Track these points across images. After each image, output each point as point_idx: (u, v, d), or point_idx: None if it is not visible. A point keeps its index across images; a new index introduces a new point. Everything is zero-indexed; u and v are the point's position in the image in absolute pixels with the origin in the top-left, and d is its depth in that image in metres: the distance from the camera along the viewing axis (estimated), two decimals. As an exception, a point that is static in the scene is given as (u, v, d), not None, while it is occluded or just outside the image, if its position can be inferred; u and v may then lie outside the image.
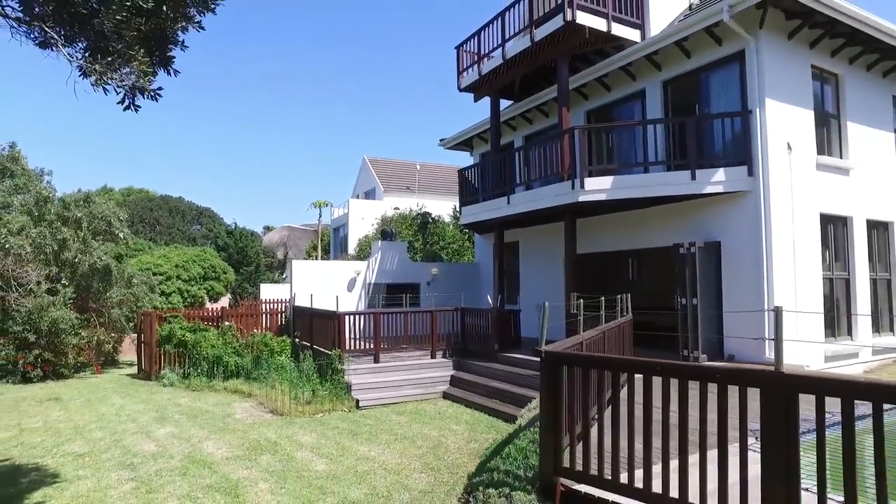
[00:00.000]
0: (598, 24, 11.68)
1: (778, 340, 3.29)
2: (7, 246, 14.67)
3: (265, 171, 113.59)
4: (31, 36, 4.77)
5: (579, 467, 4.19)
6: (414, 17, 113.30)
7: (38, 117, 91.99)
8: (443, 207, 28.68)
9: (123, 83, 4.03)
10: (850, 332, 11.43)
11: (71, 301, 16.19)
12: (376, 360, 12.50)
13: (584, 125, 13.00)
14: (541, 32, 12.09)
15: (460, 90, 14.99)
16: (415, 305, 16.89)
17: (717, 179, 10.33)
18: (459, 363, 12.87)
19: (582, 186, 10.91)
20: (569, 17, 11.27)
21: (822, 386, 2.99)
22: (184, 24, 4.23)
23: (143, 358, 16.23)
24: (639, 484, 3.77)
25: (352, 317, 13.05)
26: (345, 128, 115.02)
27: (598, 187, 10.96)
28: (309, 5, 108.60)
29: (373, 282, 18.02)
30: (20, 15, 4.31)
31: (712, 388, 3.52)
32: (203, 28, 4.32)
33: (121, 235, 18.48)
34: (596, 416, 4.54)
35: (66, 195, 18.49)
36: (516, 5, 12.99)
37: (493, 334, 12.64)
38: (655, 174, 11.16)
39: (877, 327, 11.92)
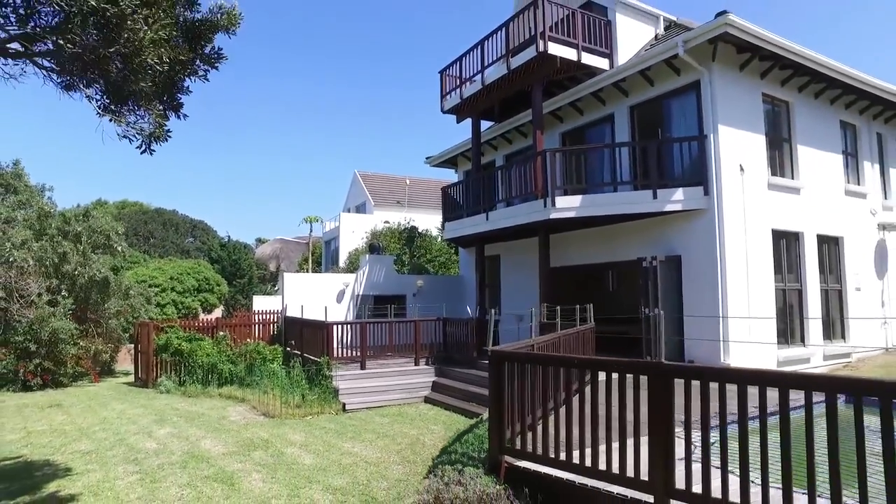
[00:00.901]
0: (569, 53, 12.65)
1: (661, 338, 4.13)
2: (10, 259, 15.37)
3: (258, 185, 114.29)
4: (58, 81, 5.62)
5: (520, 447, 5.01)
6: (405, 34, 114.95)
7: (36, 131, 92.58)
8: (431, 221, 29.54)
9: (142, 131, 4.83)
10: (802, 339, 12.31)
11: (70, 312, 16.88)
12: (363, 367, 13.27)
13: (556, 148, 13.90)
14: (516, 61, 13.05)
15: (443, 112, 15.92)
16: (401, 316, 17.67)
17: (677, 198, 11.24)
18: (441, 370, 13.66)
19: (553, 205, 11.81)
20: (541, 48, 12.23)
21: (686, 371, 3.85)
22: (191, 77, 5.06)
23: (140, 366, 16.91)
24: (563, 457, 4.59)
25: (340, 326, 13.85)
26: (338, 142, 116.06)
27: (568, 205, 11.85)
28: (303, 27, 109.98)
29: (361, 293, 18.82)
30: (52, 66, 5.12)
31: (643, 382, 4.32)
32: (208, 79, 5.16)
33: (119, 249, 19.21)
34: (552, 408, 5.34)
35: (67, 210, 19.23)
36: (495, 35, 13.94)
37: (472, 342, 13.45)
38: (620, 193, 12.08)
39: (828, 334, 12.82)
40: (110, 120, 5.39)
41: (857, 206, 13.85)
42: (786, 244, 12.25)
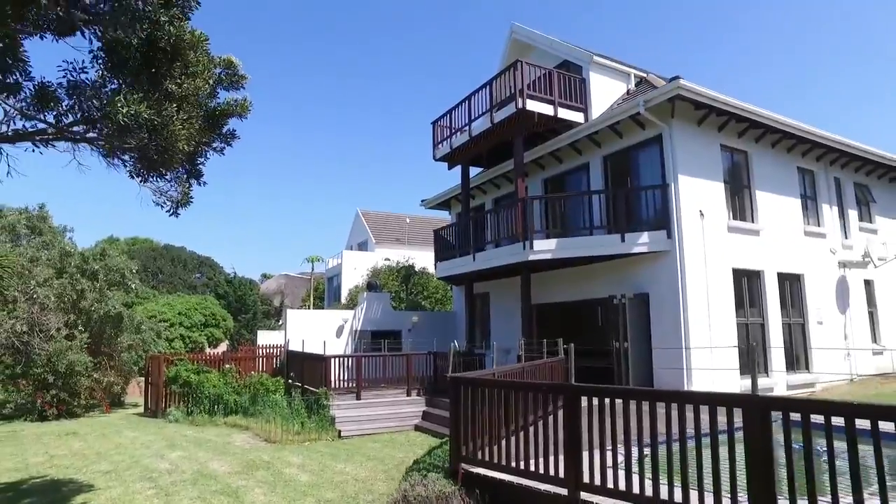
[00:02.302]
0: (546, 109, 14.00)
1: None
2: (34, 296, 16.57)
3: (264, 222, 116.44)
4: (101, 154, 6.87)
5: (473, 456, 6.03)
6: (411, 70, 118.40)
7: (56, 174, 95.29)
8: (430, 258, 30.69)
9: (171, 198, 6.04)
10: (766, 370, 13.26)
11: (86, 345, 17.98)
12: (358, 397, 14.25)
13: (535, 196, 15.16)
14: (499, 115, 14.40)
15: (435, 160, 17.27)
16: (397, 350, 18.68)
17: (643, 241, 12.39)
18: (431, 400, 14.61)
19: (532, 247, 12.97)
20: (520, 105, 13.58)
21: (590, 391, 4.92)
22: (210, 152, 6.29)
23: (150, 397, 17.90)
24: (511, 464, 5.63)
25: (337, 359, 14.89)
26: (341, 182, 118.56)
27: (545, 248, 13.01)
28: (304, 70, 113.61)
29: (359, 329, 19.88)
30: (103, 149, 6.38)
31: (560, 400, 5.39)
32: (223, 154, 6.39)
33: (132, 286, 20.42)
34: (502, 423, 6.37)
35: (86, 249, 20.50)
36: (481, 91, 15.34)
37: (461, 374, 14.43)
38: (593, 237, 13.24)
39: (791, 365, 13.76)
40: (140, 183, 6.63)
41: (817, 246, 14.94)
42: (747, 281, 13.31)
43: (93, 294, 18.72)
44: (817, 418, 3.68)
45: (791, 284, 14.27)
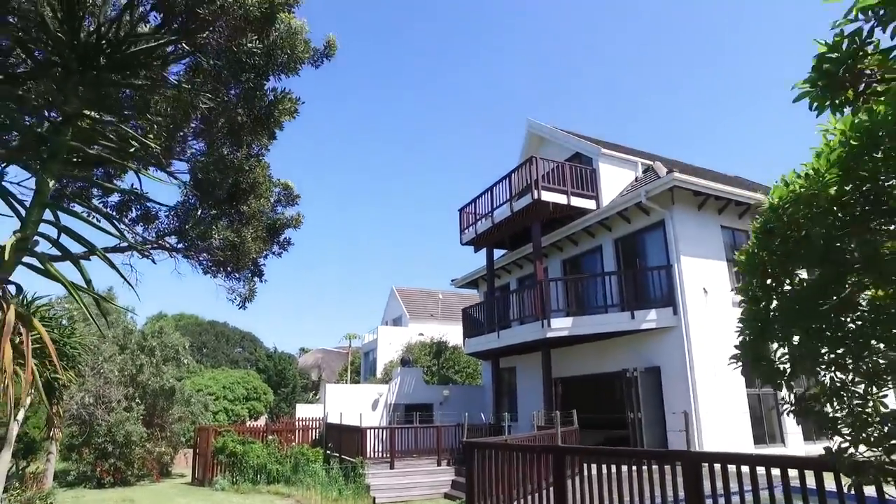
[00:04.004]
0: (560, 199, 15.53)
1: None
2: (101, 371, 18.35)
3: (304, 298, 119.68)
4: (183, 257, 8.55)
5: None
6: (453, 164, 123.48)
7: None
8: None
9: (240, 295, 7.60)
10: (782, 440, 13.76)
11: (141, 417, 19.49)
12: (392, 467, 15.22)
13: (551, 278, 16.46)
14: (518, 205, 15.99)
15: (462, 244, 18.86)
16: (428, 423, 19.63)
17: (651, 318, 13.45)
18: (459, 469, 15.41)
19: (549, 325, 14.14)
20: (536, 196, 15.14)
21: (570, 450, 6.01)
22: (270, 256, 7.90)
23: (197, 466, 19.12)
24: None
25: (373, 431, 15.99)
26: (376, 258, 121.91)
27: (562, 326, 14.17)
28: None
29: (393, 402, 20.97)
30: (182, 254, 8.07)
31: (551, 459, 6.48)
32: (281, 256, 7.98)
33: (185, 361, 22.13)
34: (511, 481, 7.42)
35: (144, 327, 22.48)
36: (501, 182, 17.04)
37: (487, 444, 15.32)
38: (606, 315, 14.34)
39: (808, 436, 14.20)
40: (212, 278, 8.25)
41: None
42: (756, 355, 14.04)
43: (150, 368, 20.44)
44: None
45: (801, 357, 14.89)
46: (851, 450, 3.09)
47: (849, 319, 3.03)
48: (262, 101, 5.76)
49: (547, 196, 15.29)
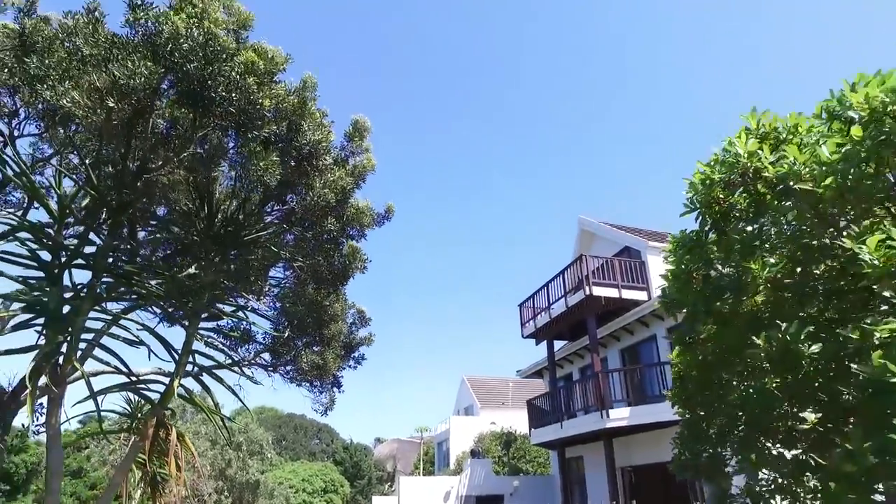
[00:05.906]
0: (611, 293, 16.41)
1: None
2: (196, 465, 20.04)
3: (378, 388, 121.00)
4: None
5: None
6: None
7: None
8: (532, 421, 31.86)
9: (322, 404, 8.99)
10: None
11: (230, 510, 20.90)
12: (462, 561, 15.65)
13: (608, 369, 17.03)
14: (572, 300, 16.96)
15: (523, 337, 19.80)
16: (499, 515, 19.90)
17: (708, 408, 13.75)
18: (529, 564, 15.66)
19: (608, 416, 14.68)
20: (587, 292, 16.11)
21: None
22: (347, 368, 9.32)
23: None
24: None
25: (443, 523, 16.57)
26: (447, 349, 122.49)
27: (620, 416, 14.66)
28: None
29: (465, 494, 21.37)
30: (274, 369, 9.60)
31: None
32: (356, 369, 9.38)
33: (269, 455, 23.62)
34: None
35: (234, 424, 24.31)
36: (556, 278, 18.12)
37: (555, 538, 15.53)
38: (662, 404, 14.71)
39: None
40: (297, 386, 9.71)
41: None
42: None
43: (237, 463, 22.04)
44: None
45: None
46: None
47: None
48: (340, 261, 7.41)
49: (598, 291, 16.21)
